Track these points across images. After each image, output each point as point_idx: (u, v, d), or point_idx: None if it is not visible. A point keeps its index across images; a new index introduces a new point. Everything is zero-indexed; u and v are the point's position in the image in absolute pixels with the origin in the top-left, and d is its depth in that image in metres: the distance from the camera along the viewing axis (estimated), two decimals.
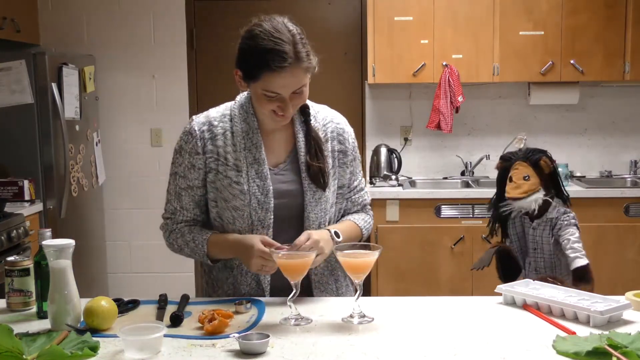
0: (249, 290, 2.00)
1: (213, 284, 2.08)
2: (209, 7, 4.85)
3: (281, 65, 1.79)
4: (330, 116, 2.06)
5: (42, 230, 1.85)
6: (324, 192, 1.97)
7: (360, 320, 1.76)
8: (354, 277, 1.76)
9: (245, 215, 1.93)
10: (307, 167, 1.95)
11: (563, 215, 2.39)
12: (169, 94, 4.85)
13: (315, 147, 1.96)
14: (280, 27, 1.83)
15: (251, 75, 1.85)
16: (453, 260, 4.31)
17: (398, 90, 4.82)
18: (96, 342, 1.57)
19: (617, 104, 4.81)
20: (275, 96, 1.84)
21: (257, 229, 1.93)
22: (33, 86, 3.99)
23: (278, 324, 1.75)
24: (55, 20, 4.78)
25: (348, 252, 1.80)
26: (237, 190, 1.92)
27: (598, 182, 4.65)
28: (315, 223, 1.97)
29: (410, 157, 4.86)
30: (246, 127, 1.95)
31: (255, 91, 1.87)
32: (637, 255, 4.27)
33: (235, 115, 1.97)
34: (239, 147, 1.94)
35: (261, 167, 1.93)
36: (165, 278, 4.92)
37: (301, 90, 1.86)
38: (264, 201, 1.92)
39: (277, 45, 1.80)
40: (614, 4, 4.38)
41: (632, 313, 1.80)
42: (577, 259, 2.33)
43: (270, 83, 1.82)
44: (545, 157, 2.42)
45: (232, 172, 1.93)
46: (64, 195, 4.09)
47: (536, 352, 1.55)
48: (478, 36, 4.44)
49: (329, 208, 2.00)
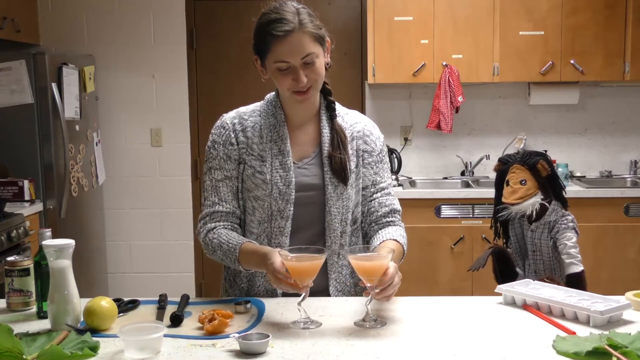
0: (263, 288, 2.00)
1: (231, 278, 2.07)
2: (209, 7, 4.85)
3: (283, 30, 1.83)
4: (359, 119, 2.08)
5: (42, 230, 1.85)
6: (345, 188, 1.97)
7: (373, 325, 1.73)
8: (366, 281, 1.75)
9: (265, 205, 1.94)
10: (330, 159, 1.97)
11: (561, 218, 2.39)
12: (169, 94, 4.85)
13: (338, 139, 1.98)
14: (284, 2, 1.91)
15: (262, 51, 1.89)
16: (453, 260, 4.31)
17: (398, 90, 4.82)
18: (96, 342, 1.57)
19: (617, 104, 4.81)
20: (287, 67, 1.86)
21: (275, 219, 1.94)
22: (33, 86, 3.99)
23: (278, 324, 1.75)
24: (55, 20, 4.78)
25: (360, 256, 1.77)
26: (259, 179, 1.94)
27: (598, 182, 4.65)
28: (337, 218, 1.97)
29: (410, 157, 4.86)
30: (274, 120, 1.98)
31: (271, 69, 1.90)
32: (637, 255, 4.27)
33: (264, 110, 2.00)
34: (265, 139, 1.96)
35: (285, 159, 1.95)
36: (165, 278, 4.92)
37: (311, 59, 1.86)
38: (285, 192, 1.93)
39: (279, 15, 1.86)
40: (614, 4, 4.39)
41: (632, 313, 1.80)
42: (572, 265, 2.34)
43: (278, 51, 1.85)
44: (542, 161, 2.41)
45: (256, 162, 1.95)
46: (64, 195, 4.09)
47: (536, 352, 1.55)
48: (478, 36, 4.45)
49: (351, 206, 2.00)
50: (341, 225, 1.98)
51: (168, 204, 4.91)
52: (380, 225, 2.05)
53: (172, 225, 4.93)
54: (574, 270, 2.32)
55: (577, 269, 2.33)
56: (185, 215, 4.92)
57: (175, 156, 4.89)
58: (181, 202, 4.91)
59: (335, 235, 1.97)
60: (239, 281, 2.04)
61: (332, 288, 2.01)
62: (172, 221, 4.93)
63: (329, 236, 1.97)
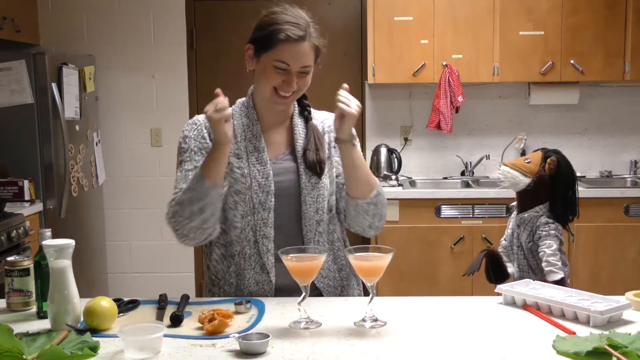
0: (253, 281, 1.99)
1: (213, 277, 2.06)
2: (209, 7, 4.85)
3: (297, 34, 1.89)
4: (327, 115, 2.13)
5: (42, 230, 1.85)
6: (320, 179, 2.01)
7: (373, 325, 1.74)
8: (366, 281, 1.76)
9: (247, 198, 1.97)
10: (304, 154, 2.02)
11: (544, 225, 2.44)
12: (169, 94, 4.85)
13: (314, 136, 2.03)
14: (298, 11, 1.97)
15: (266, 44, 1.91)
16: (453, 260, 4.31)
17: (398, 90, 4.82)
18: (96, 342, 1.57)
19: (617, 104, 4.81)
20: (284, 69, 1.90)
21: (258, 211, 1.96)
22: (33, 86, 3.99)
23: (278, 324, 1.74)
24: (55, 20, 4.78)
25: (360, 255, 1.78)
26: (237, 174, 1.97)
27: (598, 182, 4.65)
28: (313, 207, 2.00)
29: (410, 157, 4.86)
30: (247, 120, 2.03)
31: (265, 64, 1.92)
32: (637, 255, 4.27)
33: (236, 112, 2.04)
34: (240, 138, 2.01)
35: (261, 154, 1.99)
36: (165, 278, 4.92)
37: (307, 70, 1.94)
38: (264, 184, 1.97)
39: (295, 20, 1.92)
40: (614, 4, 4.39)
41: (632, 313, 1.80)
42: (552, 273, 2.40)
43: (284, 52, 1.89)
44: (554, 158, 2.51)
45: (233, 159, 1.98)
46: (64, 195, 4.09)
47: (536, 352, 1.55)
48: (478, 36, 4.44)
49: (326, 195, 2.03)
50: (317, 214, 2.01)
51: None
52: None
53: None
54: (553, 278, 2.39)
55: (556, 277, 2.39)
56: None
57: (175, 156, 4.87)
58: None
59: (311, 224, 2.01)
60: (228, 277, 2.03)
61: (318, 275, 1.97)
62: None
63: (304, 225, 2.00)
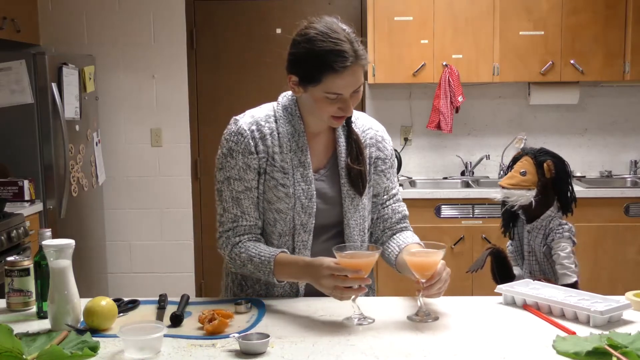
0: (282, 292, 1.97)
1: (241, 283, 2.03)
2: (209, 7, 4.85)
3: (344, 65, 1.77)
4: (369, 123, 2.04)
5: (42, 230, 1.85)
6: (361, 199, 1.95)
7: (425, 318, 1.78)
8: (420, 276, 1.78)
9: (288, 218, 1.90)
10: (347, 171, 1.93)
11: (558, 227, 2.39)
12: (169, 94, 4.85)
13: (356, 149, 1.94)
14: (335, 27, 1.81)
15: (311, 79, 1.81)
16: (453, 260, 4.30)
17: (398, 90, 4.82)
18: (96, 342, 1.57)
19: (617, 104, 4.81)
20: (336, 97, 1.81)
21: (298, 232, 1.91)
22: (33, 86, 3.99)
23: (278, 324, 1.74)
24: (55, 20, 4.78)
25: (416, 252, 1.83)
26: (282, 193, 1.89)
27: (598, 182, 4.65)
28: (356, 230, 1.96)
29: (410, 157, 4.86)
30: (291, 129, 1.91)
31: (316, 95, 1.82)
32: (637, 255, 4.27)
33: (280, 117, 1.92)
34: (286, 149, 1.90)
35: (306, 171, 1.91)
36: (165, 278, 4.92)
37: (360, 88, 1.84)
38: (307, 205, 1.90)
39: (337, 46, 1.77)
40: (614, 4, 4.38)
41: (632, 313, 1.80)
42: (565, 275, 2.35)
43: (333, 84, 1.79)
44: (550, 161, 2.42)
45: (279, 174, 1.89)
46: (64, 195, 4.09)
47: (536, 352, 1.55)
48: (478, 36, 4.44)
49: (366, 215, 1.99)
50: (360, 235, 1.98)
51: (168, 204, 4.91)
52: (394, 231, 2.04)
53: (172, 225, 4.93)
54: (566, 282, 2.33)
55: (570, 280, 2.33)
56: (185, 216, 4.92)
57: (175, 156, 4.89)
58: (181, 202, 4.91)
59: (355, 246, 1.92)
60: (258, 288, 1.99)
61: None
62: (172, 221, 4.93)
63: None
